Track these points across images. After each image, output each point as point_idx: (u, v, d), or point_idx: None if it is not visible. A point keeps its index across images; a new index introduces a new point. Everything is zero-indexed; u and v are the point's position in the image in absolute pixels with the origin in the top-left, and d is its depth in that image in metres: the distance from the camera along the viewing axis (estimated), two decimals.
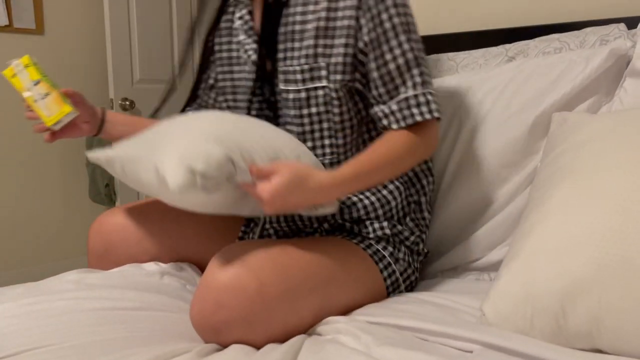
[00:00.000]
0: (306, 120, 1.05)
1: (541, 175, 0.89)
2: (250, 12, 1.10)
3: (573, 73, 1.10)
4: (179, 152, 0.81)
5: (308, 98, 1.03)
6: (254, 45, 1.08)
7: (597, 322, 0.72)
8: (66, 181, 3.10)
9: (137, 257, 1.13)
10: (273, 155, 0.89)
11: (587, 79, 1.08)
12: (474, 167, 1.18)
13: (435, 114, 0.99)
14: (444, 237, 1.22)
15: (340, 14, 1.00)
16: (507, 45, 1.28)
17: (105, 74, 3.20)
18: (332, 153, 1.06)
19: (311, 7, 1.02)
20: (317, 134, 1.06)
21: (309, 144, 1.07)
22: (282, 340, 0.85)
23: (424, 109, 0.99)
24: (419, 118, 0.98)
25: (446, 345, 0.77)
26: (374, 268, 1.01)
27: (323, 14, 1.01)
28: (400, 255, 1.07)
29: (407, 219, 1.11)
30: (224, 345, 0.83)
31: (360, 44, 1.00)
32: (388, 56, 0.99)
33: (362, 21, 0.99)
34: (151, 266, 1.09)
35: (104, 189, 2.89)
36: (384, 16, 0.98)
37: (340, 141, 1.06)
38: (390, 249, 1.06)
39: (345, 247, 0.99)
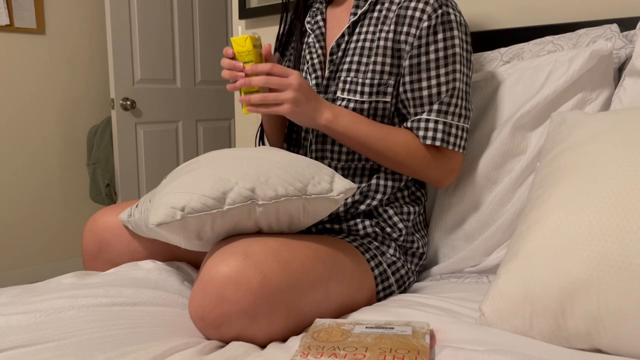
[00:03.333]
0: None
1: (540, 174, 0.89)
2: (324, 20, 1.20)
3: (557, 74, 1.12)
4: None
5: (369, 109, 1.10)
6: (320, 51, 1.17)
7: (596, 322, 0.72)
8: (66, 181, 3.10)
9: (131, 256, 1.13)
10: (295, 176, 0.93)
11: (570, 80, 1.09)
12: (469, 171, 1.20)
13: (455, 148, 1.07)
14: (441, 244, 1.23)
15: (403, 37, 1.08)
16: (502, 50, 1.29)
17: (106, 73, 3.20)
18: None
19: (380, 27, 1.10)
20: None
21: None
22: (283, 336, 0.85)
23: (442, 135, 1.06)
24: (437, 143, 1.06)
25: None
26: (364, 262, 1.02)
27: (390, 35, 1.09)
28: (391, 251, 1.10)
29: (396, 218, 1.12)
30: (223, 340, 0.82)
31: (405, 63, 1.08)
32: (424, 84, 1.06)
33: (414, 45, 1.07)
34: (148, 264, 1.09)
35: (105, 188, 2.89)
36: (432, 47, 1.05)
37: None
38: (376, 243, 1.09)
39: (337, 243, 1.01)
